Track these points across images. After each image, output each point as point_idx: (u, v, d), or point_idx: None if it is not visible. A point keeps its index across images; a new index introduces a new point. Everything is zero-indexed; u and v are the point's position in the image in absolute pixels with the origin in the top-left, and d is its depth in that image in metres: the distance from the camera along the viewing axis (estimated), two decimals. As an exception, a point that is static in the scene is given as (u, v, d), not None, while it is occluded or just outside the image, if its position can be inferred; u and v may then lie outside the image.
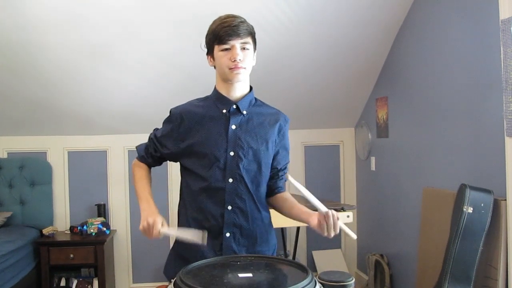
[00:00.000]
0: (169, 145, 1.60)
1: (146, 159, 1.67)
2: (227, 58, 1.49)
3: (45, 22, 2.90)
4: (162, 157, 1.66)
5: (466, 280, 2.18)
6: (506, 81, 2.12)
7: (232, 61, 1.48)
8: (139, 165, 1.69)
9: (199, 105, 1.61)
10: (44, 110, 3.60)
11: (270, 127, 1.61)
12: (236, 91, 1.57)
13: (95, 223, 3.62)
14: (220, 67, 1.52)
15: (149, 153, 1.67)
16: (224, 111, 1.56)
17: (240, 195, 1.54)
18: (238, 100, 1.57)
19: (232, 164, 1.53)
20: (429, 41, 2.89)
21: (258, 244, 1.59)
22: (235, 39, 1.47)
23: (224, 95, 1.57)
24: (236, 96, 1.57)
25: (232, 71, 1.50)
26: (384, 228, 3.63)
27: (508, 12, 2.11)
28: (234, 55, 1.48)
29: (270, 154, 1.60)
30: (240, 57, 1.48)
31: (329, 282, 1.17)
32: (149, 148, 1.67)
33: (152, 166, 1.70)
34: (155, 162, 1.69)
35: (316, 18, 3.06)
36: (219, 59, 1.51)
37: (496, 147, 2.24)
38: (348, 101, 3.86)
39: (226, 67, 1.50)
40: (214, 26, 1.51)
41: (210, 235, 1.51)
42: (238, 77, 1.51)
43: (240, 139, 1.55)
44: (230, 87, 1.56)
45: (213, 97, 1.61)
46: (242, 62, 1.49)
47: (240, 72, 1.50)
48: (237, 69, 1.49)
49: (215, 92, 1.60)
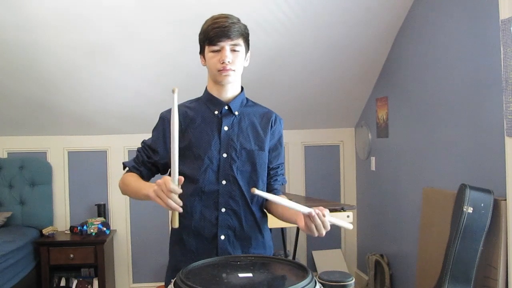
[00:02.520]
0: (161, 150, 1.56)
1: (138, 168, 1.58)
2: (217, 60, 1.47)
3: (45, 22, 2.90)
4: (155, 164, 1.58)
5: (466, 280, 2.18)
6: (506, 81, 2.12)
7: (221, 63, 1.47)
8: (128, 174, 1.58)
9: (190, 106, 1.59)
10: (44, 110, 3.60)
11: (263, 127, 1.59)
12: (227, 92, 1.55)
13: (95, 223, 3.62)
14: (210, 68, 1.51)
15: (140, 162, 1.59)
16: (216, 112, 1.55)
17: (234, 197, 1.52)
18: (230, 101, 1.56)
19: (225, 166, 1.52)
20: (429, 41, 2.89)
21: (253, 247, 1.56)
22: (224, 40, 1.46)
23: (215, 96, 1.56)
24: (227, 97, 1.56)
25: (221, 73, 1.48)
26: (384, 228, 3.63)
27: (508, 12, 2.11)
28: (223, 57, 1.46)
29: (265, 154, 1.58)
30: (229, 59, 1.46)
31: (329, 282, 1.17)
32: (140, 157, 1.59)
33: (144, 177, 1.58)
34: (148, 171, 1.60)
35: (316, 18, 3.06)
36: (209, 60, 1.50)
37: (496, 147, 2.23)
38: (348, 101, 3.86)
39: (215, 69, 1.49)
40: (206, 26, 1.50)
41: (205, 239, 1.50)
42: (227, 79, 1.50)
43: (233, 140, 1.53)
44: (221, 88, 1.55)
45: (204, 98, 1.59)
46: (231, 64, 1.47)
47: (229, 74, 1.49)
48: (226, 71, 1.48)
49: (206, 94, 1.59)
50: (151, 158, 1.58)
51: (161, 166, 1.59)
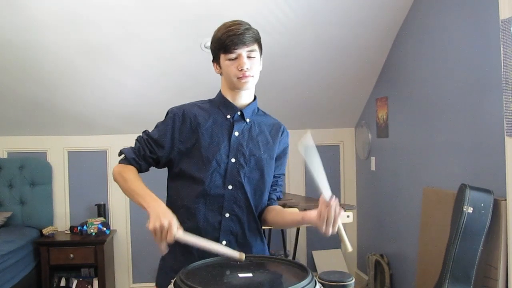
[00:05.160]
0: (167, 146, 1.52)
1: (138, 161, 1.52)
2: (234, 67, 1.46)
3: (45, 22, 2.90)
4: (157, 159, 1.54)
5: (466, 280, 2.18)
6: (506, 81, 2.12)
7: (240, 70, 1.46)
8: (128, 168, 1.51)
9: (203, 107, 1.57)
10: (44, 110, 3.60)
11: (272, 136, 1.59)
12: (242, 98, 1.55)
13: (95, 223, 3.62)
14: (227, 76, 1.50)
15: (141, 156, 1.53)
16: (228, 116, 1.54)
17: (239, 202, 1.51)
18: (243, 108, 1.55)
19: (232, 171, 1.50)
20: (429, 41, 2.89)
21: (253, 254, 1.53)
22: (241, 47, 1.45)
23: (230, 101, 1.55)
24: (241, 103, 1.55)
25: (240, 80, 1.47)
26: (384, 228, 3.63)
27: (508, 12, 2.11)
28: (242, 64, 1.45)
29: (273, 163, 1.58)
30: (248, 66, 1.46)
31: (329, 282, 1.17)
32: (142, 150, 1.53)
33: (142, 171, 1.54)
34: (148, 166, 1.55)
35: (316, 18, 3.06)
36: (226, 68, 1.48)
37: (496, 147, 2.23)
38: (348, 101, 3.86)
39: (234, 76, 1.47)
40: (220, 34, 1.47)
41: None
42: (246, 85, 1.50)
43: (243, 146, 1.52)
44: (236, 95, 1.54)
45: (217, 101, 1.58)
46: (249, 70, 1.47)
47: (248, 80, 1.48)
48: (245, 77, 1.47)
49: (220, 97, 1.58)
50: (154, 152, 1.53)
51: (162, 162, 1.55)
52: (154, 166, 1.58)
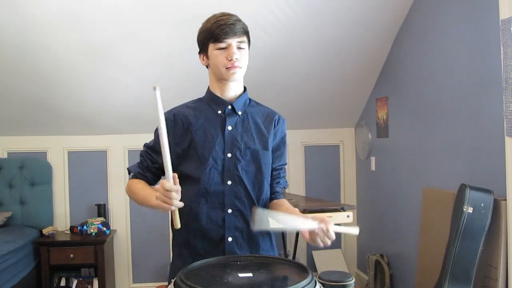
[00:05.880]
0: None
1: (143, 174, 1.56)
2: (224, 57, 1.46)
3: (45, 22, 2.90)
4: (160, 168, 1.53)
5: (466, 280, 2.18)
6: (506, 81, 2.12)
7: (229, 60, 1.45)
8: (135, 181, 1.55)
9: (192, 106, 1.57)
10: (44, 110, 3.60)
11: (266, 126, 1.58)
12: (231, 91, 1.54)
13: (95, 223, 3.62)
14: (215, 66, 1.49)
15: (145, 168, 1.56)
16: (219, 112, 1.54)
17: (240, 197, 1.50)
18: (233, 101, 1.54)
19: (230, 166, 1.50)
20: (429, 41, 2.89)
21: (261, 248, 1.54)
22: (231, 37, 1.45)
23: (218, 96, 1.55)
24: (230, 97, 1.55)
25: (228, 70, 1.47)
26: (384, 228, 3.63)
27: (508, 12, 2.11)
28: (231, 54, 1.45)
29: (269, 153, 1.57)
30: (237, 56, 1.46)
31: (329, 282, 1.17)
32: (144, 162, 1.57)
33: (150, 183, 1.56)
34: (154, 176, 1.57)
35: (316, 18, 3.06)
36: (215, 58, 1.48)
37: (496, 147, 2.23)
38: (348, 101, 3.86)
39: (223, 66, 1.47)
40: (209, 25, 1.48)
41: (212, 242, 1.48)
42: (234, 76, 1.49)
43: (237, 140, 1.52)
44: (224, 87, 1.54)
45: (206, 98, 1.58)
46: (238, 61, 1.46)
47: (236, 71, 1.48)
48: (234, 68, 1.47)
49: (209, 93, 1.57)
50: (155, 162, 1.55)
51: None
52: (162, 175, 1.57)
